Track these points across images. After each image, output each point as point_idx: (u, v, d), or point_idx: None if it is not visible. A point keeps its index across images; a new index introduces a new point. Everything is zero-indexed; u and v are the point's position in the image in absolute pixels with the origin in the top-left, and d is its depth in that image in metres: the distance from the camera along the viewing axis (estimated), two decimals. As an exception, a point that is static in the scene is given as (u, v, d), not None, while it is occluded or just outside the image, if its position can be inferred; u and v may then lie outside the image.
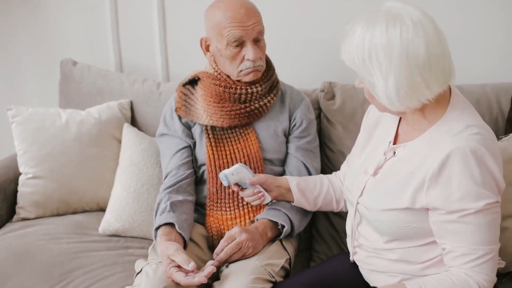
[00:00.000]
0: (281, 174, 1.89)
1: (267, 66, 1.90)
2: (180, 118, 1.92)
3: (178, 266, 1.57)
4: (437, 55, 1.35)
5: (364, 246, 1.59)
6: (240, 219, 1.82)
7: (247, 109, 1.85)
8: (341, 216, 1.99)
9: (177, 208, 1.76)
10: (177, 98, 1.94)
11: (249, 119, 1.87)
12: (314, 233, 2.07)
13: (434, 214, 1.40)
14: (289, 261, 1.76)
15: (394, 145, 1.52)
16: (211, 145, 1.85)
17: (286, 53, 2.34)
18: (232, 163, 1.82)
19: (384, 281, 1.54)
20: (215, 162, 1.84)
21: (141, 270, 1.66)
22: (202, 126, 1.89)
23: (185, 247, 1.69)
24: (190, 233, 1.76)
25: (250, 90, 1.84)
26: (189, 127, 1.92)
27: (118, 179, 2.10)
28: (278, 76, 1.95)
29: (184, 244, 1.69)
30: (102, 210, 2.16)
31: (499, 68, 2.20)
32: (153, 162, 2.09)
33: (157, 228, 1.71)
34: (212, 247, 1.80)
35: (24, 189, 2.15)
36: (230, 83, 1.85)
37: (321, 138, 2.09)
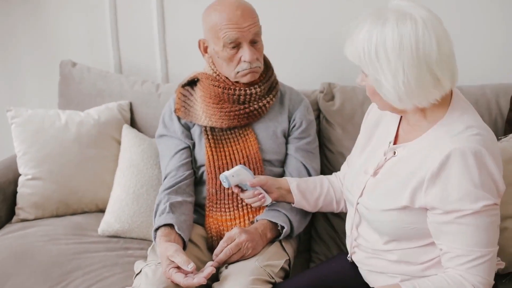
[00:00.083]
0: (281, 175, 1.89)
1: (266, 67, 1.90)
2: (179, 119, 1.92)
3: (178, 267, 1.57)
4: (446, 54, 1.35)
5: (363, 247, 1.59)
6: (240, 220, 1.82)
7: (246, 110, 1.85)
8: (341, 217, 1.99)
9: (177, 209, 1.75)
10: (176, 99, 1.94)
11: (248, 120, 1.87)
12: (314, 234, 2.07)
13: (432, 214, 1.40)
14: (289, 262, 1.76)
15: (394, 145, 1.52)
16: (210, 146, 1.85)
17: (286, 54, 2.34)
18: (232, 164, 1.82)
19: (384, 282, 1.53)
20: (215, 163, 1.84)
21: (141, 271, 1.67)
22: (201, 127, 1.89)
23: (185, 248, 1.69)
24: (190, 234, 1.76)
25: (249, 91, 1.84)
26: (188, 128, 1.92)
27: (118, 180, 2.10)
28: (278, 77, 1.95)
29: (184, 245, 1.69)
30: (102, 211, 2.16)
31: (498, 69, 2.20)
32: (153, 163, 2.09)
33: (157, 229, 1.71)
34: (212, 248, 1.79)
35: (24, 190, 2.15)
36: (229, 84, 1.85)
37: (321, 139, 2.09)
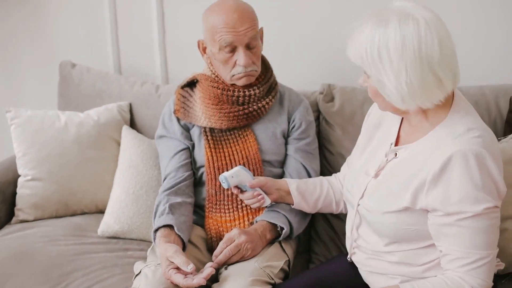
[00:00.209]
0: (280, 176, 1.89)
1: (265, 68, 1.90)
2: (179, 120, 1.92)
3: (177, 268, 1.57)
4: (448, 55, 1.35)
5: (363, 248, 1.58)
6: (239, 221, 1.82)
7: (246, 111, 1.85)
8: (340, 218, 1.99)
9: (176, 210, 1.75)
10: (176, 100, 1.94)
11: (248, 121, 1.87)
12: (313, 235, 2.07)
13: (433, 216, 1.39)
14: (288, 263, 1.76)
15: (396, 147, 1.51)
16: (210, 147, 1.85)
17: (285, 55, 2.33)
18: (231, 165, 1.82)
19: (384, 283, 1.53)
20: (214, 164, 1.84)
21: (140, 272, 1.66)
22: (201, 128, 1.89)
23: (184, 249, 1.69)
24: (189, 235, 1.76)
25: (248, 93, 1.84)
26: (188, 129, 1.92)
27: (117, 181, 2.10)
28: (277, 78, 1.94)
29: (183, 246, 1.69)
30: (101, 212, 2.16)
31: (498, 70, 2.20)
32: (152, 164, 2.09)
33: (156, 230, 1.71)
34: (211, 249, 1.79)
35: (23, 191, 2.15)
36: (228, 86, 1.85)
37: (320, 140, 2.09)
